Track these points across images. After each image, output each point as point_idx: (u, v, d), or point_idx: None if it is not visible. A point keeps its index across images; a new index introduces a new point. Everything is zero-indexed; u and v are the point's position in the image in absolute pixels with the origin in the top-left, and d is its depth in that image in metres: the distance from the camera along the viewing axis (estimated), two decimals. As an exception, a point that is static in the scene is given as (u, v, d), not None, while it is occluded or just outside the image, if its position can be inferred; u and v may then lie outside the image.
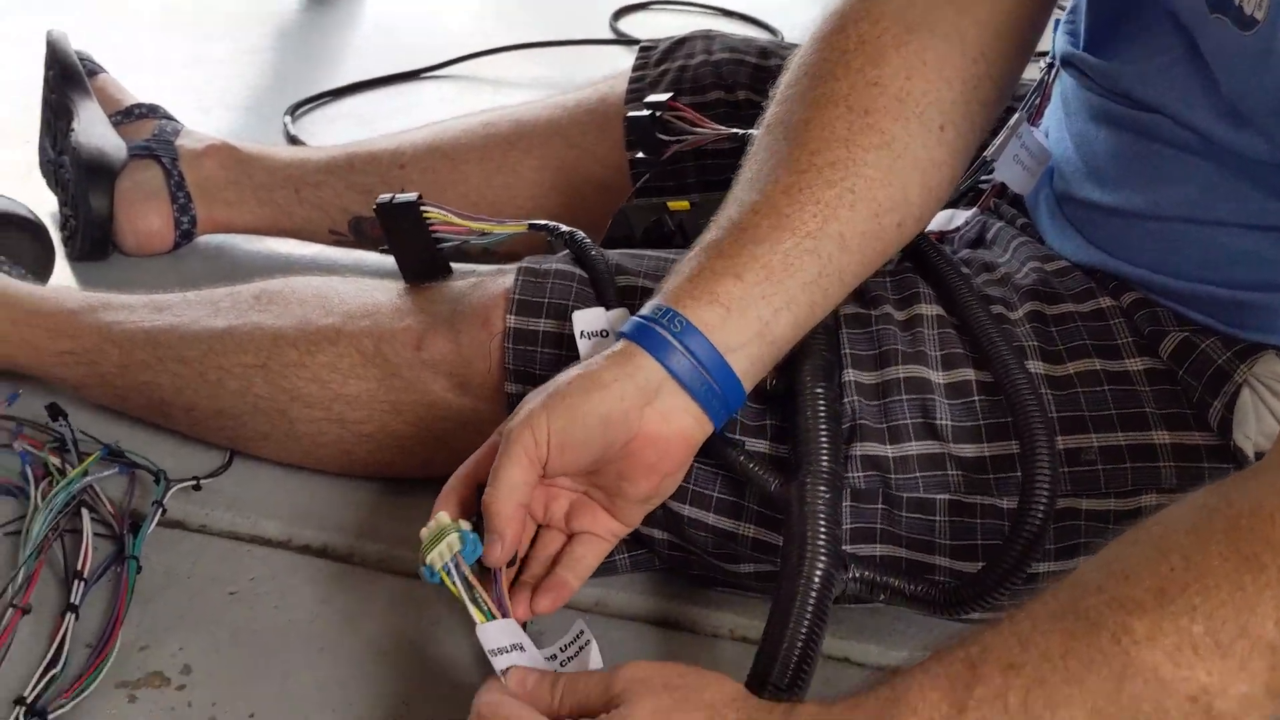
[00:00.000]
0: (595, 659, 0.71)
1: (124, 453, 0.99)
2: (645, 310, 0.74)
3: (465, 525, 0.72)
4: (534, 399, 0.72)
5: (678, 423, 0.73)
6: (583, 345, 0.83)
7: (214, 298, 1.03)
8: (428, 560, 0.71)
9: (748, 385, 0.74)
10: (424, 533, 0.72)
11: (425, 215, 0.93)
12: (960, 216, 0.98)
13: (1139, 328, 0.81)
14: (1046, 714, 0.54)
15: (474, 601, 0.71)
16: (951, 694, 0.56)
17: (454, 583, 0.71)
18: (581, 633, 0.72)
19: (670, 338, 0.71)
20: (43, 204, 1.37)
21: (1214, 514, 0.56)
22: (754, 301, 0.73)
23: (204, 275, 1.13)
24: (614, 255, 0.90)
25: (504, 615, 0.72)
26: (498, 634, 0.70)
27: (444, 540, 0.71)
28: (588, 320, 0.84)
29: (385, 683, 0.82)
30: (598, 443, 0.71)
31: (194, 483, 0.99)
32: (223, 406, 0.98)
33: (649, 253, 0.91)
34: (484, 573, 0.73)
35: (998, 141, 0.94)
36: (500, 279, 0.90)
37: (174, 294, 1.05)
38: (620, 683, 0.63)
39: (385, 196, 0.94)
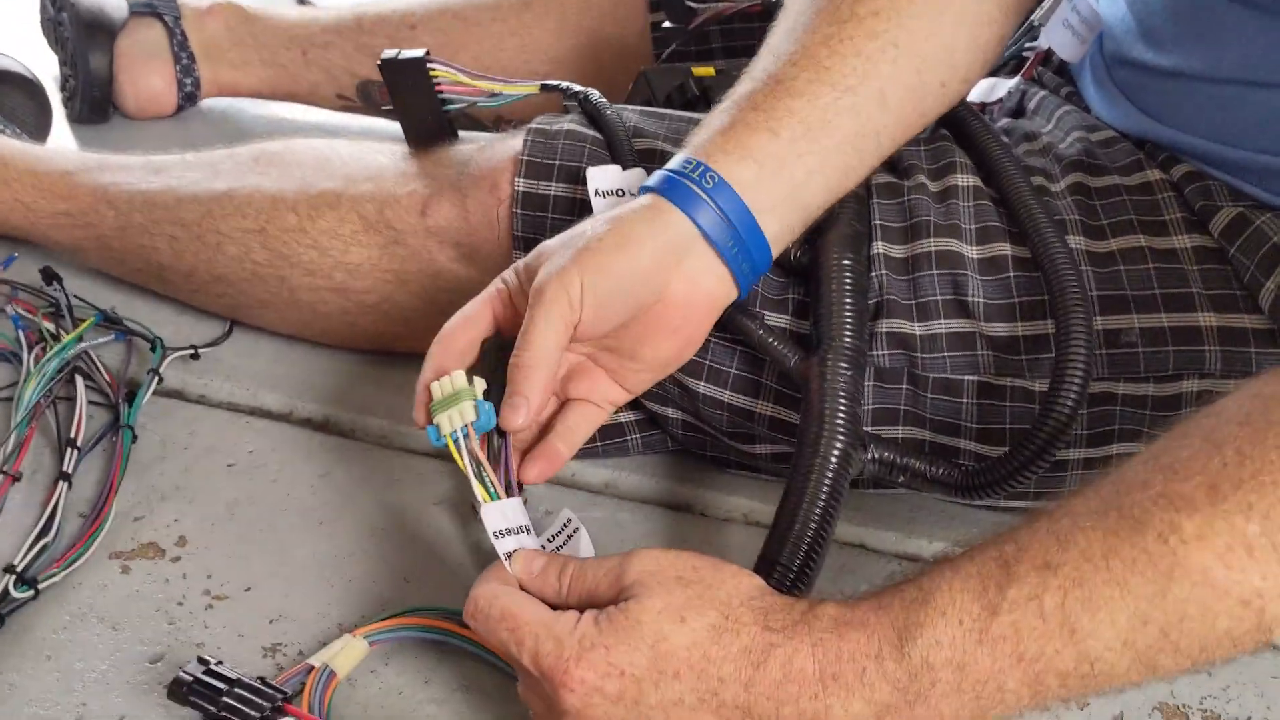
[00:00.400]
0: (586, 547, 0.68)
1: (120, 319, 0.96)
2: (673, 163, 0.69)
3: (480, 390, 0.67)
4: (559, 253, 0.66)
5: (704, 285, 0.68)
6: (598, 205, 0.78)
7: (213, 159, 0.99)
8: (436, 421, 0.66)
9: (775, 251, 0.70)
10: (435, 388, 0.67)
11: (432, 73, 0.88)
12: (1003, 87, 0.92)
13: (1189, 202, 0.76)
14: (1085, 618, 0.50)
15: (479, 478, 0.66)
16: (983, 595, 0.52)
17: (460, 454, 0.65)
18: (569, 521, 0.68)
19: (702, 193, 0.66)
20: (46, 66, 1.32)
21: (1271, 404, 0.51)
22: (788, 160, 0.68)
23: (207, 140, 1.08)
24: (631, 116, 0.85)
25: (510, 495, 0.67)
26: (503, 515, 0.66)
27: (457, 406, 0.65)
28: (604, 178, 0.78)
29: (384, 560, 0.80)
30: (630, 305, 0.66)
31: (192, 351, 0.96)
32: (221, 272, 0.94)
33: (671, 113, 0.86)
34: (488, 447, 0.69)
35: (1046, 5, 0.87)
36: (509, 141, 0.86)
37: (172, 155, 1.01)
38: (632, 573, 0.59)
39: (390, 52, 0.89)
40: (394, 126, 0.93)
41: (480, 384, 0.67)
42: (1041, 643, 0.51)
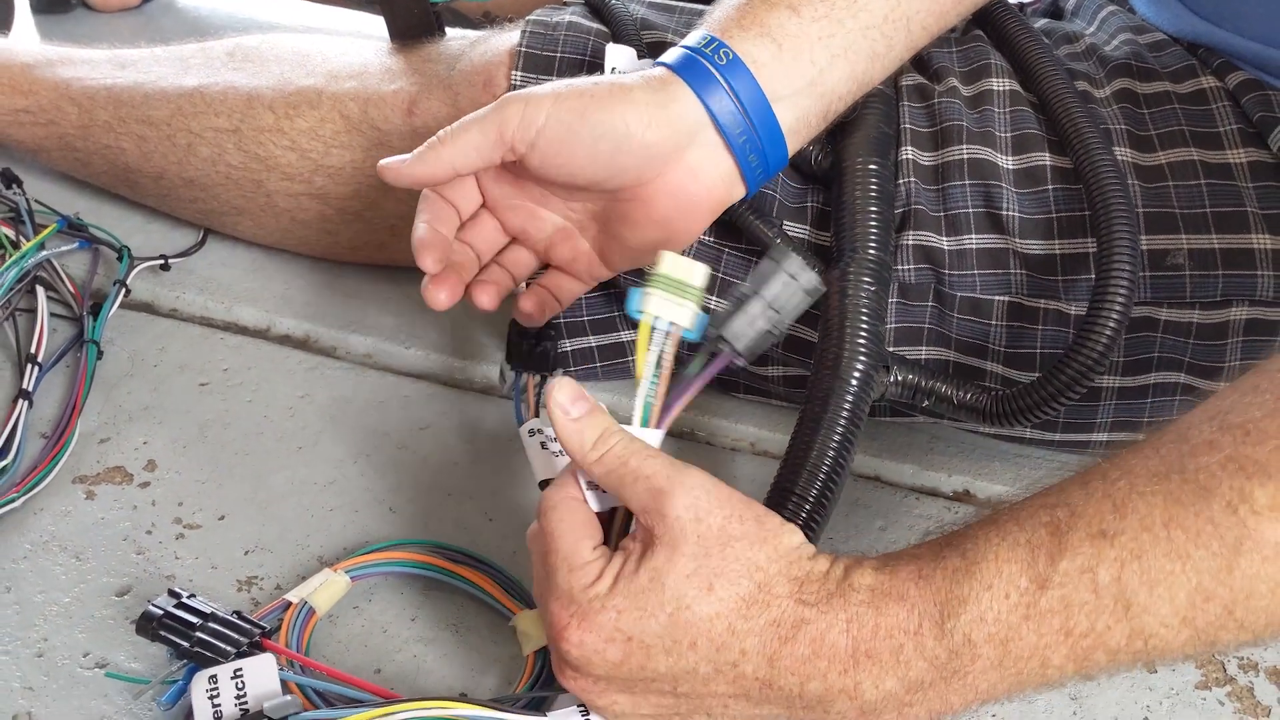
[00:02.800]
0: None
1: (85, 226, 0.90)
2: (690, 39, 0.62)
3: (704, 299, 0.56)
4: (545, 86, 0.61)
5: (706, 179, 0.62)
6: None
7: (183, 54, 0.92)
8: (649, 292, 0.54)
9: (791, 146, 0.64)
10: (669, 258, 0.55)
11: (419, -40, 0.81)
12: (1038, -17, 0.85)
13: (1246, 113, 0.70)
14: (1142, 593, 0.46)
15: (648, 394, 0.55)
16: (1032, 567, 0.47)
17: (649, 346, 0.54)
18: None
19: (714, 70, 0.60)
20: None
21: None
22: (809, 42, 0.62)
23: (177, 36, 1.01)
24: (639, 8, 0.78)
25: (658, 426, 0.57)
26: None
27: (681, 298, 0.54)
28: (624, 58, 0.72)
29: (367, 489, 0.75)
30: (601, 162, 0.60)
31: (162, 261, 0.90)
32: (193, 176, 0.88)
33: (683, 4, 0.79)
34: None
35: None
36: (504, 34, 0.79)
37: (140, 49, 0.95)
38: (674, 511, 0.50)
39: (375, -63, 0.82)
40: (377, 30, 0.86)
41: (702, 293, 0.56)
42: (1093, 618, 0.47)
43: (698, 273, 0.55)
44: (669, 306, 0.54)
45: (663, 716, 0.53)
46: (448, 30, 0.87)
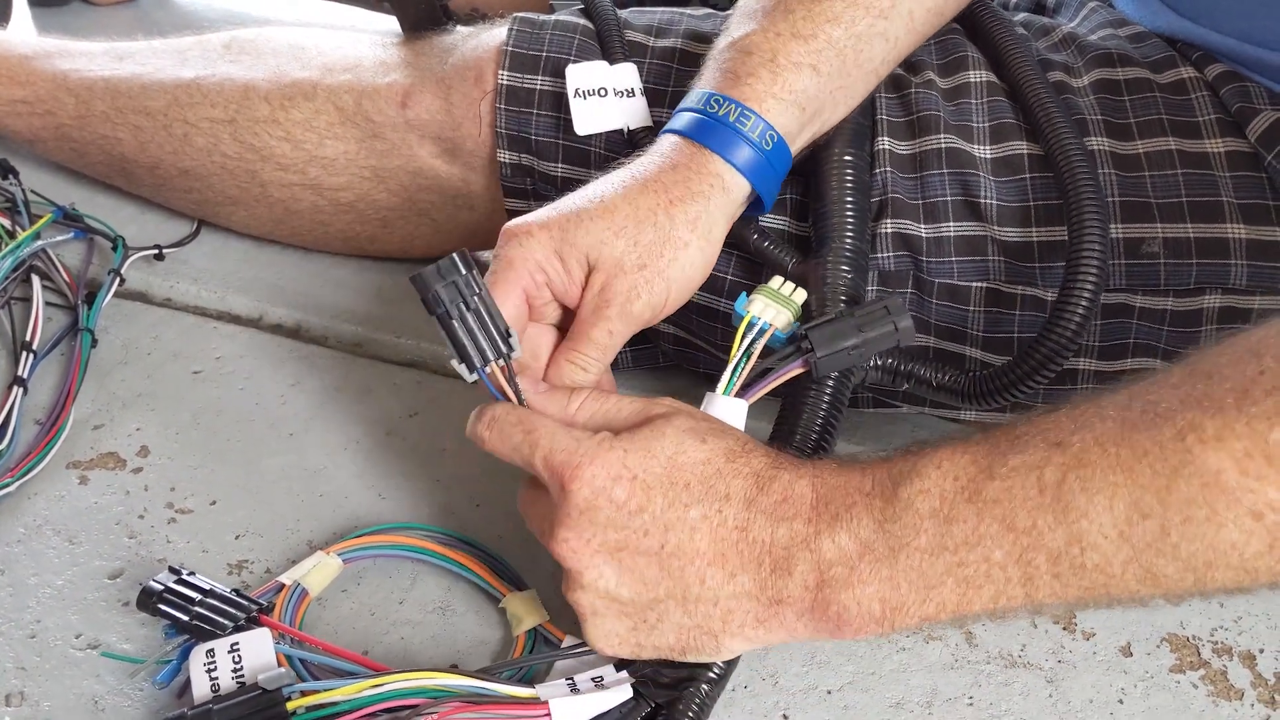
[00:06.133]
0: None
1: (81, 216, 0.91)
2: (723, 111, 0.64)
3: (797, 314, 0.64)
4: (634, 250, 0.62)
5: (735, 216, 0.67)
6: (576, 106, 0.73)
7: (180, 46, 0.93)
8: (757, 299, 0.63)
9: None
10: (774, 280, 0.64)
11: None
12: (1020, -20, 0.86)
13: (1225, 104, 0.71)
14: (1081, 498, 0.47)
15: (736, 368, 0.62)
16: (983, 459, 0.50)
17: (746, 338, 0.62)
18: None
19: (759, 153, 0.64)
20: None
21: None
22: (825, 100, 0.66)
23: (172, 30, 1.02)
24: (626, 13, 0.79)
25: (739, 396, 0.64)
26: (730, 410, 0.62)
27: (781, 307, 0.63)
28: (585, 76, 0.73)
29: (357, 475, 0.76)
30: (696, 282, 0.65)
31: (156, 251, 0.91)
32: (188, 166, 0.88)
33: (661, 10, 0.80)
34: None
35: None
36: (494, 30, 0.80)
37: (137, 42, 0.95)
38: (662, 405, 0.58)
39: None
40: (372, 25, 0.87)
41: (799, 310, 0.64)
42: (1034, 515, 0.48)
43: (799, 295, 0.63)
44: (769, 310, 0.62)
45: (641, 603, 0.55)
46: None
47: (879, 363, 0.67)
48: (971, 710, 0.64)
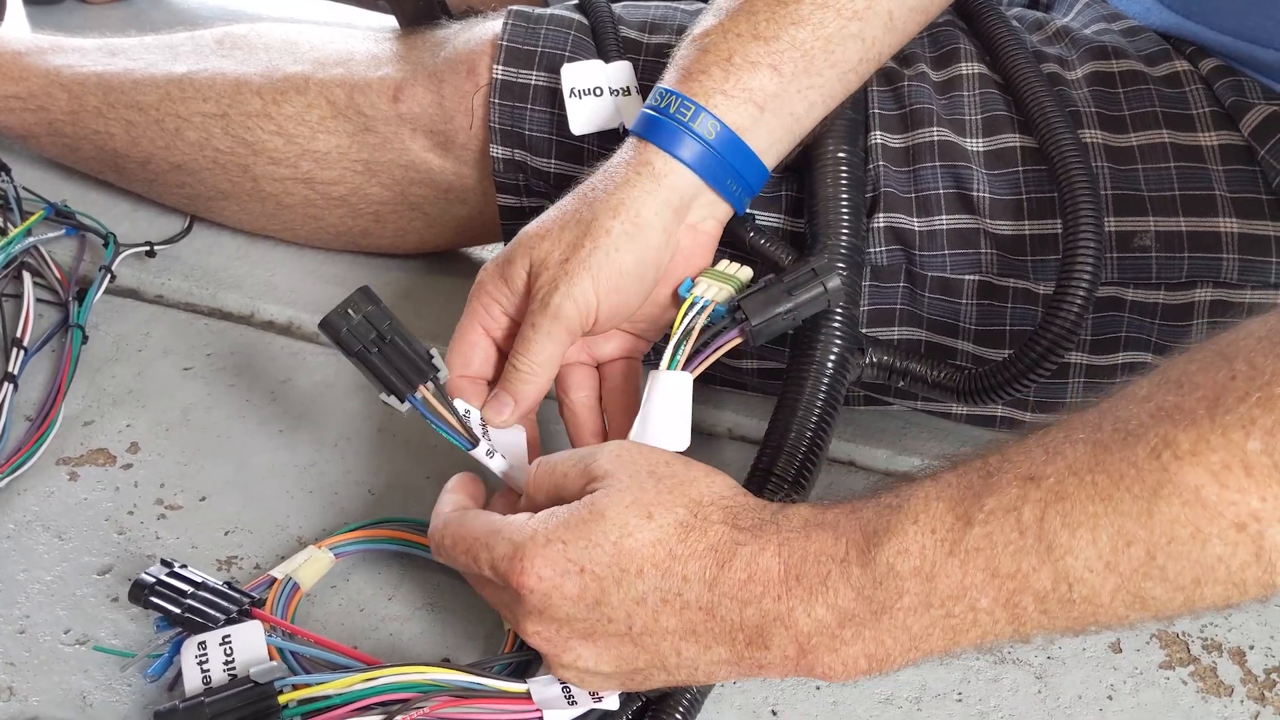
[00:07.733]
0: (514, 436, 0.65)
1: (72, 212, 0.91)
2: (670, 105, 0.63)
3: (743, 290, 0.64)
4: (557, 260, 0.62)
5: (705, 228, 0.66)
6: (572, 106, 0.73)
7: (173, 42, 0.93)
8: (701, 280, 0.64)
9: (770, 169, 0.66)
10: (723, 262, 0.65)
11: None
12: (1013, -23, 0.86)
13: (1219, 97, 0.71)
14: (1064, 534, 0.46)
15: (679, 345, 0.62)
16: (959, 505, 0.48)
17: (687, 314, 0.63)
18: (468, 411, 0.64)
19: (706, 147, 0.63)
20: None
21: None
22: (789, 98, 0.64)
23: (166, 27, 1.02)
24: (619, 8, 0.79)
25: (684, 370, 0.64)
26: (676, 383, 0.63)
27: (721, 284, 0.63)
28: (581, 76, 0.73)
29: (347, 471, 0.76)
30: (645, 288, 0.64)
31: (147, 248, 0.90)
32: (180, 160, 0.88)
33: (656, 3, 0.80)
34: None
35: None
36: (487, 23, 0.80)
37: (130, 38, 0.95)
38: (602, 463, 0.55)
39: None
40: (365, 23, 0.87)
41: (743, 286, 0.65)
42: (1018, 559, 0.47)
43: (744, 272, 0.64)
44: (712, 289, 0.63)
45: (624, 672, 0.54)
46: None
47: (874, 360, 0.67)
48: (960, 706, 0.64)
